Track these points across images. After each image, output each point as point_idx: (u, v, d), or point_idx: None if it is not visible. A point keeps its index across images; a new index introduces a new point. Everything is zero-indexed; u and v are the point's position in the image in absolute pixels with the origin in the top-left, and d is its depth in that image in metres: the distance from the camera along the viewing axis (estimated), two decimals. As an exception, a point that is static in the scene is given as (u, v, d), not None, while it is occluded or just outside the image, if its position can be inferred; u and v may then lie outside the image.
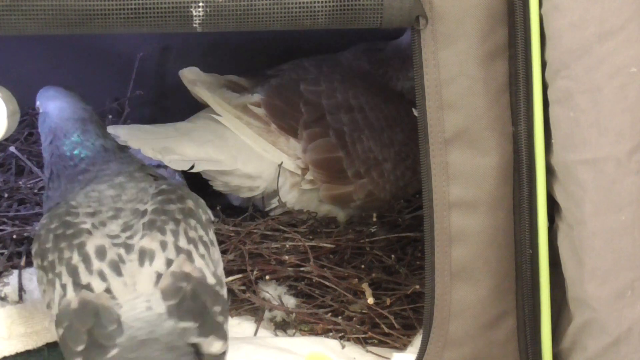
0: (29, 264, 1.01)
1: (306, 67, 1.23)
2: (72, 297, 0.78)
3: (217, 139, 1.13)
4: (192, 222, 0.84)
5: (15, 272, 0.99)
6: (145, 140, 1.09)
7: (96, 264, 0.79)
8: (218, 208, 1.20)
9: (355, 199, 1.18)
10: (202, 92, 1.14)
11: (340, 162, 1.17)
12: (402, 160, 1.19)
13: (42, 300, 0.83)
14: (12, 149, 1.19)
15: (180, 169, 1.12)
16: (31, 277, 0.98)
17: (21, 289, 0.96)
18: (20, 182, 1.17)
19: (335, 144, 1.16)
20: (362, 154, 1.17)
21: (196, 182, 1.25)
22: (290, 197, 1.17)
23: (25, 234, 1.05)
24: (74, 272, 0.79)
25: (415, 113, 0.84)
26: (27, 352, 0.91)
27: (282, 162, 1.15)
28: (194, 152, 1.11)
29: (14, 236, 1.05)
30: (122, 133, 1.08)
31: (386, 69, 1.27)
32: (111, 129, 1.06)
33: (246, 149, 1.14)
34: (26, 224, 1.08)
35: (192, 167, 1.11)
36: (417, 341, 0.92)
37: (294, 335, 1.01)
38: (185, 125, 1.16)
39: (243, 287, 1.05)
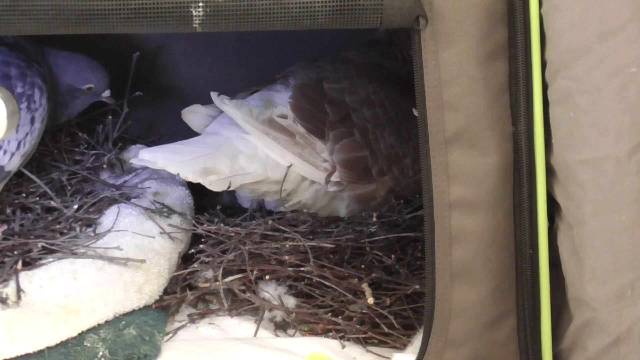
0: (26, 264, 1.01)
1: (320, 65, 1.22)
2: None
3: (245, 149, 1.13)
4: None
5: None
6: (183, 163, 1.08)
7: None
8: (218, 208, 1.21)
9: (377, 196, 1.18)
10: (230, 110, 1.13)
11: (365, 161, 1.16)
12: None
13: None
14: None
15: (219, 189, 1.11)
16: (30, 278, 0.98)
17: (19, 289, 0.96)
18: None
19: (360, 143, 1.16)
20: (385, 151, 1.17)
21: (196, 183, 1.26)
22: (307, 194, 1.17)
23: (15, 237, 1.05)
24: None
25: (415, 113, 0.84)
26: (27, 355, 0.91)
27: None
28: (228, 168, 1.11)
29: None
30: (158, 158, 1.07)
31: (393, 52, 1.27)
32: (146, 154, 1.06)
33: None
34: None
35: (229, 186, 1.11)
36: (417, 341, 0.92)
37: (294, 335, 1.01)
38: (213, 139, 1.14)
39: (243, 287, 1.05)
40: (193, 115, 1.20)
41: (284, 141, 1.13)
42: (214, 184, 1.10)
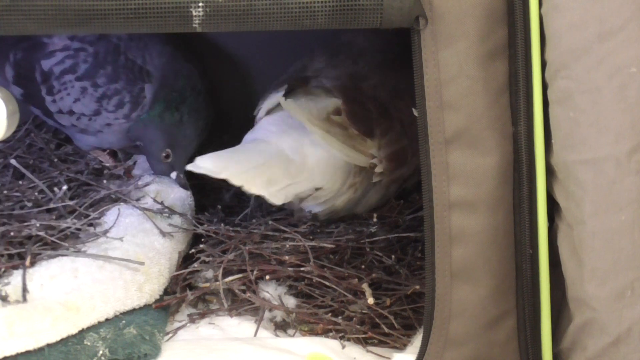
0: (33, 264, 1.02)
1: (339, 61, 1.22)
2: None
3: (297, 157, 1.11)
4: None
5: (16, 272, 0.99)
6: (246, 174, 1.04)
7: None
8: (218, 207, 1.21)
9: (405, 175, 1.20)
10: (295, 111, 1.11)
11: (405, 150, 1.18)
12: None
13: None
14: (12, 161, 1.19)
15: (279, 202, 1.08)
16: (31, 276, 0.98)
17: (25, 289, 0.96)
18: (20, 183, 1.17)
19: (400, 133, 1.17)
20: (414, 136, 1.18)
21: (196, 183, 1.26)
22: (342, 198, 1.17)
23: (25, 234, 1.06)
24: None
25: (415, 113, 0.84)
26: (28, 353, 0.91)
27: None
28: (285, 177, 1.08)
29: (12, 233, 1.05)
30: (220, 168, 1.01)
31: (391, 37, 1.27)
32: (207, 162, 1.00)
33: (316, 160, 1.12)
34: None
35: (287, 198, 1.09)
36: (417, 341, 0.92)
37: (294, 335, 1.01)
38: (266, 147, 1.11)
39: (243, 287, 1.05)
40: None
41: (342, 136, 1.13)
42: (275, 196, 1.07)
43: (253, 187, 1.04)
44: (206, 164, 1.00)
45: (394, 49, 1.27)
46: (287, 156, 1.09)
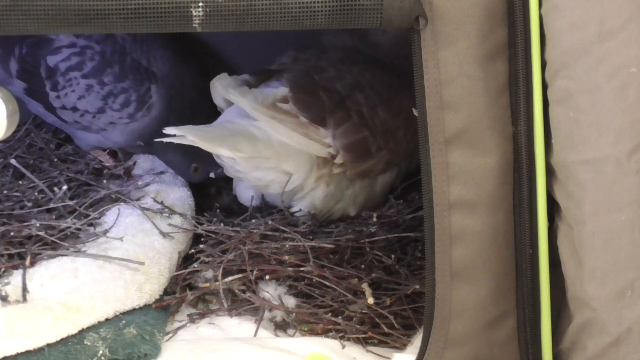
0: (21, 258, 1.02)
1: (305, 57, 1.25)
2: None
3: (261, 135, 1.14)
4: None
5: (16, 272, 0.99)
6: (213, 140, 1.10)
7: None
8: (216, 205, 1.21)
9: (376, 169, 1.21)
10: (237, 99, 1.15)
11: (366, 141, 1.18)
12: (410, 125, 1.22)
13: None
14: (12, 161, 1.19)
15: (251, 172, 1.14)
16: (31, 276, 0.98)
17: (25, 289, 0.96)
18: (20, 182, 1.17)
19: (359, 124, 1.18)
20: (381, 128, 1.20)
21: (196, 185, 1.26)
22: (316, 193, 1.18)
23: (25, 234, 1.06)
24: None
25: (415, 113, 0.84)
26: (28, 353, 0.91)
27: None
28: (249, 150, 1.12)
29: (12, 233, 1.05)
30: (188, 133, 1.07)
31: (364, 34, 1.29)
32: (173, 130, 1.07)
33: (280, 142, 1.15)
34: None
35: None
36: (417, 341, 0.92)
37: (294, 335, 1.01)
38: (232, 125, 1.16)
39: (243, 287, 1.05)
40: (219, 84, 1.20)
41: (290, 123, 1.15)
42: (244, 162, 1.12)
43: (221, 149, 1.10)
44: (174, 130, 1.06)
45: (367, 48, 1.28)
46: (252, 133, 1.13)
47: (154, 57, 1.25)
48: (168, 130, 1.06)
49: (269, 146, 1.14)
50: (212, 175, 1.26)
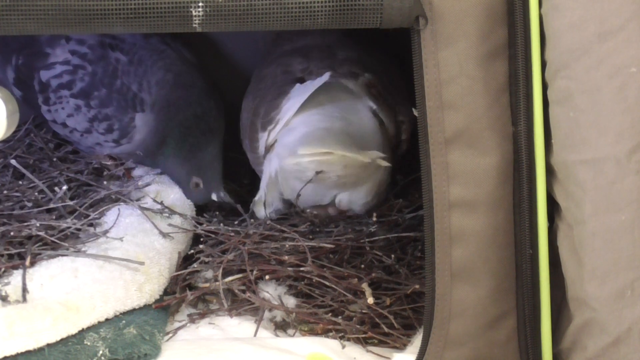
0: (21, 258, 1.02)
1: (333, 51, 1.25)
2: None
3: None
4: None
5: (16, 272, 0.99)
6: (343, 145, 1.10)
7: None
8: (215, 210, 1.21)
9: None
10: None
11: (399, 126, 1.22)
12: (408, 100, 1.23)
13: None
14: (12, 161, 1.19)
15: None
16: (31, 276, 0.98)
17: (25, 289, 0.96)
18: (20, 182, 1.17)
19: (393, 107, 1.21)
20: (399, 109, 1.23)
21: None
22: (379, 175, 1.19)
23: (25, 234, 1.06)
24: None
25: (415, 113, 0.84)
26: (28, 352, 0.91)
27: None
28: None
29: (12, 233, 1.05)
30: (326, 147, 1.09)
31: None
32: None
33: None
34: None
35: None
36: (417, 341, 0.92)
37: (294, 335, 1.01)
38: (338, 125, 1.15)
39: (243, 287, 1.05)
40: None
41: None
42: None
43: (365, 158, 1.10)
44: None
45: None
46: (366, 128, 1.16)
47: (148, 81, 1.23)
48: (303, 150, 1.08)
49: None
50: (214, 197, 1.23)
